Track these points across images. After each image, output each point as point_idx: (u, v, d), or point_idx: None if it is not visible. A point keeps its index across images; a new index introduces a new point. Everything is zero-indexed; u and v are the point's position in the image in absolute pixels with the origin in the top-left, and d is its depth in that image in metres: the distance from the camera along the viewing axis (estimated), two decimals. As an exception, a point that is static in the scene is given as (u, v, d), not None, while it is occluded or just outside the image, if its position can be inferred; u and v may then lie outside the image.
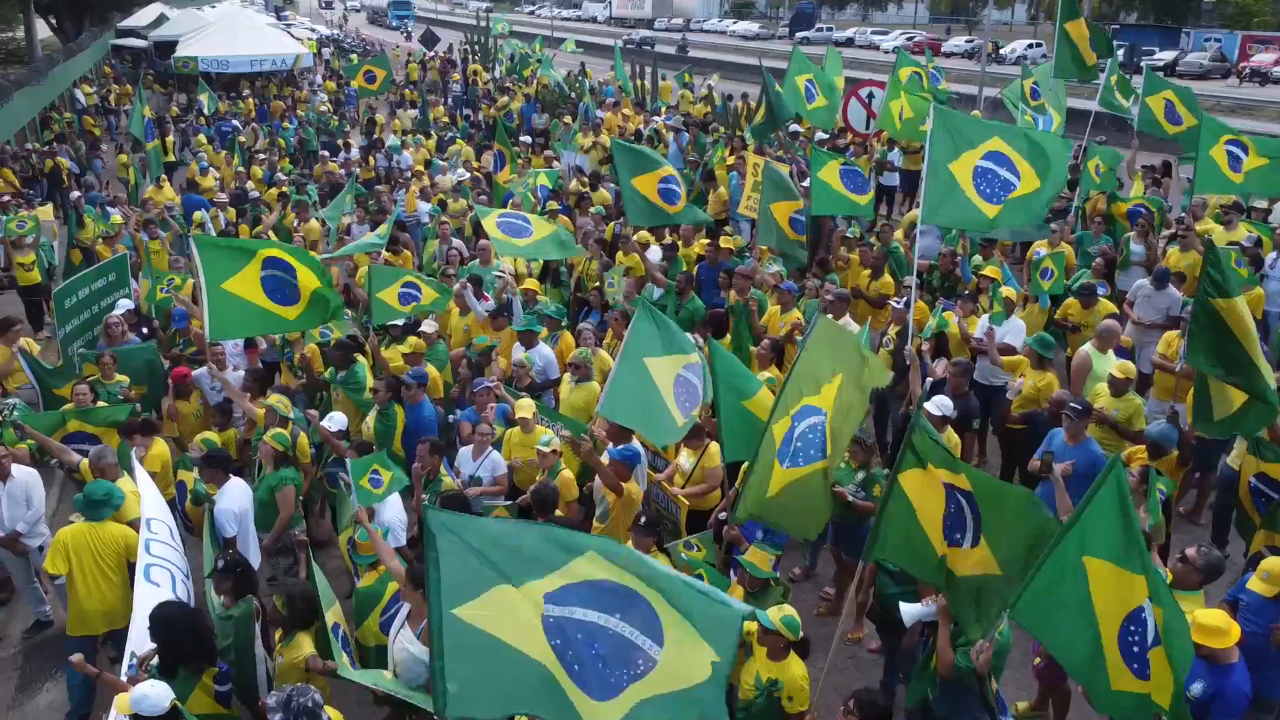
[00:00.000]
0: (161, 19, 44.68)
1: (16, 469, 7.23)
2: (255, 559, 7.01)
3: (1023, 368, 8.61)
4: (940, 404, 7.36)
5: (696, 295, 10.64)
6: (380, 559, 5.74)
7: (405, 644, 5.08)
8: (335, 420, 7.65)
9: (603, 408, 6.54)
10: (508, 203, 15.67)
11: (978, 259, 11.28)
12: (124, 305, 10.83)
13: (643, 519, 6.19)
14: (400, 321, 9.53)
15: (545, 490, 6.62)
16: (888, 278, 10.82)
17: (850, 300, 9.87)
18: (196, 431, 8.70)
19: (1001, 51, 52.98)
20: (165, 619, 5.09)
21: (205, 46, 35.26)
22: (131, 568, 5.92)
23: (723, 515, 7.18)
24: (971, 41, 57.81)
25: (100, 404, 8.50)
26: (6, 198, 17.35)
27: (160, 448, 7.80)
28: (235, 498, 6.90)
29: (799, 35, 68.36)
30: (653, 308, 6.89)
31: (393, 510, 6.63)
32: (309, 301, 8.37)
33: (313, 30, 59.29)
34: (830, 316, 9.39)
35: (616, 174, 12.18)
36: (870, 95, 16.78)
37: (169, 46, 37.20)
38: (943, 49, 56.81)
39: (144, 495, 6.49)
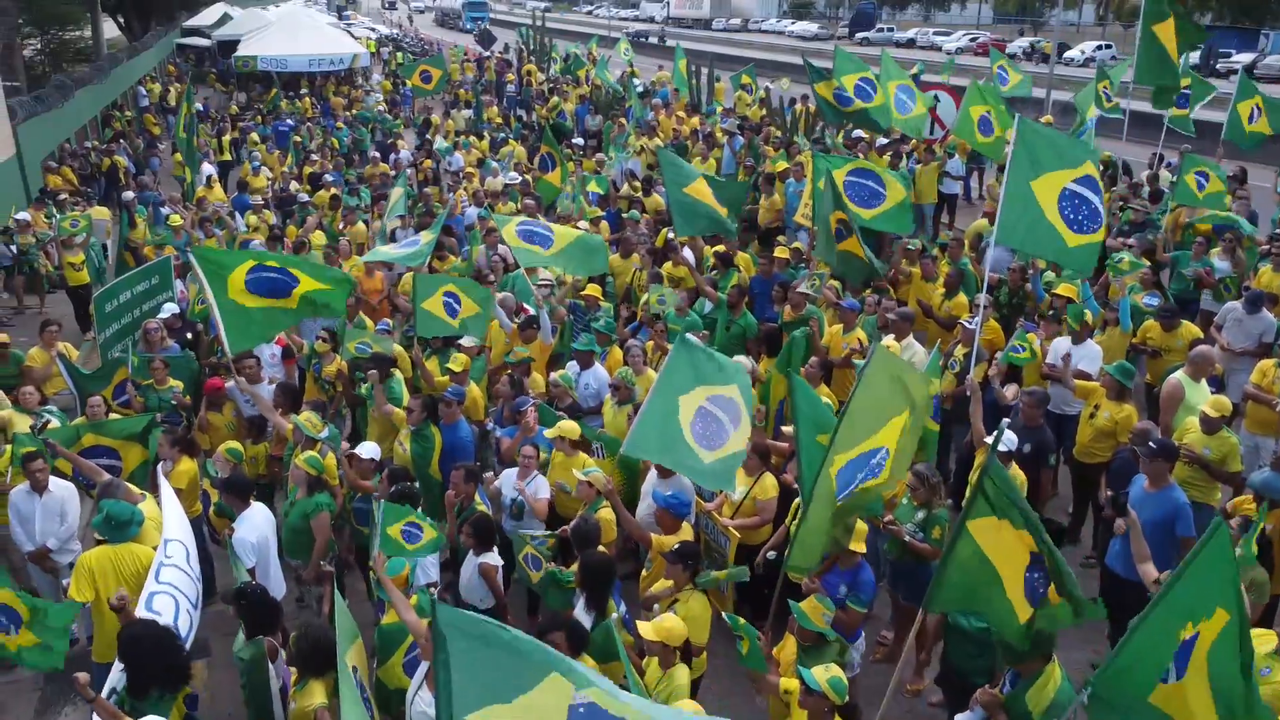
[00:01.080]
0: (225, 18, 45.38)
1: (55, 483, 7.04)
2: (278, 588, 6.72)
3: (1097, 397, 7.97)
4: (1005, 439, 6.79)
5: (749, 310, 10.14)
6: (396, 610, 5.35)
7: (424, 707, 4.70)
8: (366, 449, 7.26)
9: (629, 445, 6.08)
10: (556, 206, 15.39)
11: (1050, 275, 10.61)
12: (169, 309, 10.68)
13: (677, 546, 5.72)
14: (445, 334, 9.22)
15: (587, 526, 6.20)
16: (962, 298, 10.19)
17: (915, 320, 9.24)
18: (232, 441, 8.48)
19: (1069, 53, 51.34)
20: (132, 638, 4.87)
21: (265, 45, 35.59)
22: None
23: (771, 554, 6.73)
24: (1037, 42, 56.20)
25: (116, 415, 8.31)
26: (63, 196, 17.51)
27: (188, 464, 7.53)
28: (254, 526, 6.59)
29: (859, 36, 67.26)
30: (691, 341, 6.36)
31: (427, 562, 6.24)
32: (304, 288, 8.12)
33: (372, 30, 59.76)
34: (891, 338, 8.92)
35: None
36: (936, 99, 16.12)
37: (232, 45, 37.67)
38: (1007, 50, 55.37)
39: (166, 513, 6.22)
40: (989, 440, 6.60)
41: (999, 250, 11.86)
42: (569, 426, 7.27)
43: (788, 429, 7.24)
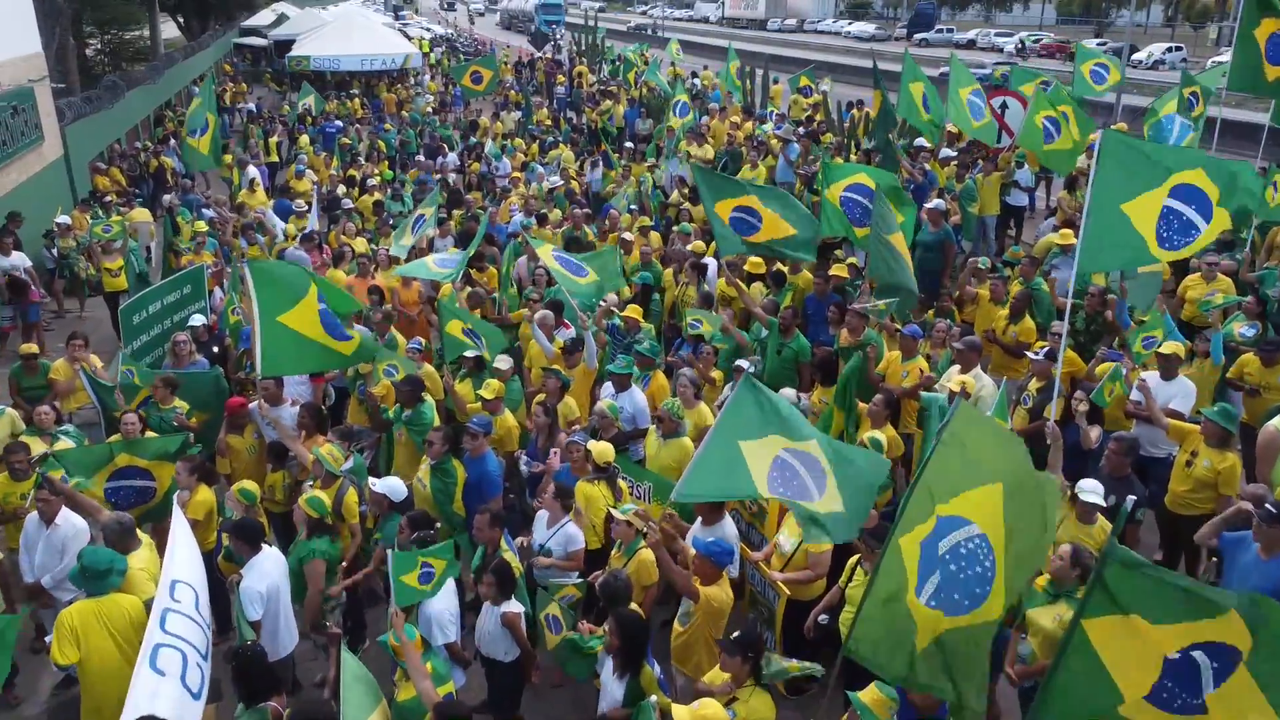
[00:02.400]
0: (282, 18, 45.71)
1: (64, 517, 6.59)
2: (290, 640, 6.25)
3: (1194, 442, 7.17)
4: (1092, 489, 6.05)
5: (802, 333, 9.46)
6: (413, 679, 4.82)
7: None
8: (389, 487, 6.68)
9: (682, 489, 5.41)
10: (605, 215, 14.86)
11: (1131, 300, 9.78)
12: (197, 320, 10.34)
13: (735, 634, 5.04)
14: (473, 353, 8.70)
15: (616, 583, 5.60)
16: (1029, 321, 9.41)
17: (983, 349, 8.47)
18: (250, 469, 8.05)
19: (1137, 55, 49.52)
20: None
21: (319, 45, 35.69)
22: (153, 646, 5.16)
23: (823, 618, 6.08)
24: (1104, 44, 54.33)
25: (150, 434, 7.93)
26: (109, 198, 17.40)
27: (205, 494, 7.10)
28: (264, 574, 6.05)
29: (918, 37, 65.80)
30: (757, 383, 5.68)
31: (443, 600, 5.70)
32: (359, 340, 7.65)
33: (428, 30, 59.88)
34: (956, 369, 8.19)
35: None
36: (1004, 106, 15.25)
37: (288, 45, 37.84)
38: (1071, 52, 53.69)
39: (176, 551, 5.74)
40: (1088, 496, 5.91)
41: (1069, 270, 11.09)
42: (601, 448, 6.68)
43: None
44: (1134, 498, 6.20)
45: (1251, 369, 8.36)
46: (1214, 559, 6.45)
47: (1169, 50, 51.62)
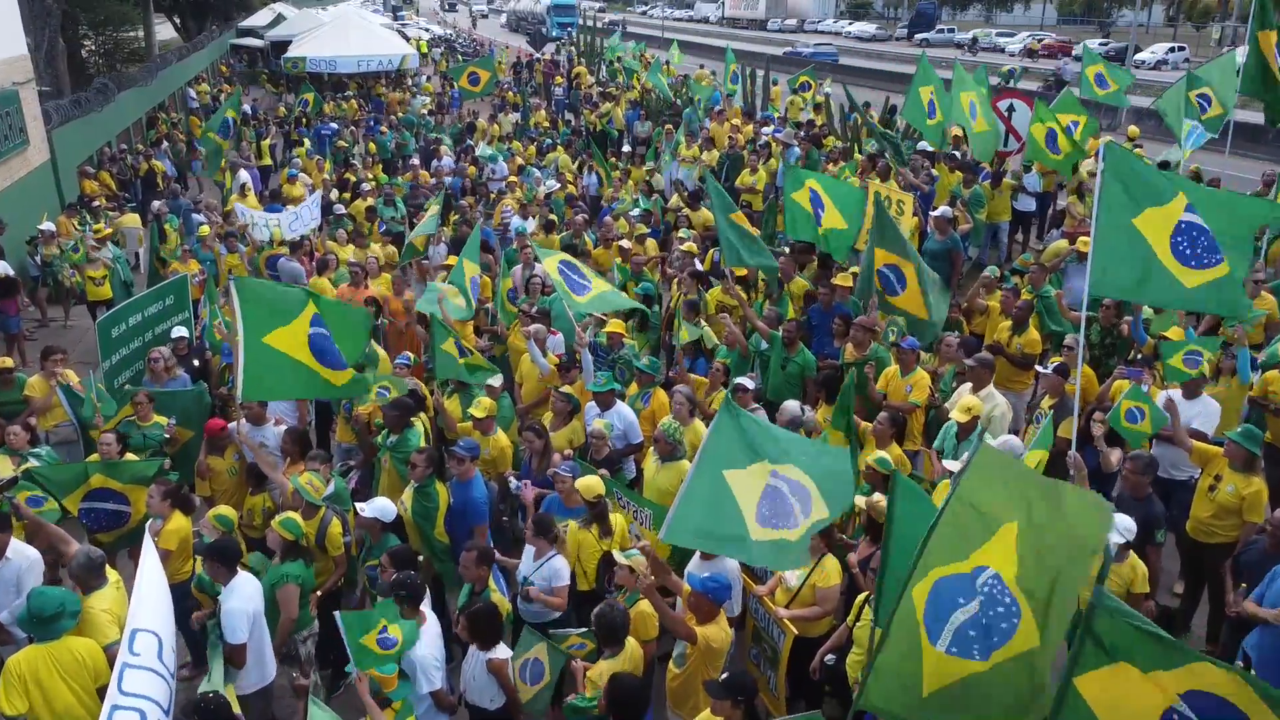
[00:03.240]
0: (279, 19, 45.31)
1: (15, 549, 6.17)
2: (271, 669, 5.93)
3: (1218, 465, 6.81)
4: (1122, 525, 5.71)
5: (806, 347, 9.11)
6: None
7: None
8: (378, 509, 6.31)
9: (667, 531, 5.10)
10: (603, 219, 14.51)
11: (1149, 311, 9.42)
12: (178, 332, 10.00)
13: (724, 676, 4.71)
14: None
15: (613, 614, 5.25)
16: (1033, 333, 9.05)
17: (994, 366, 8.11)
18: (232, 492, 7.71)
19: (1140, 55, 49.15)
20: None
21: (314, 46, 35.29)
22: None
23: (830, 659, 5.74)
24: (1106, 44, 53.95)
25: (130, 456, 7.59)
26: (97, 203, 17.06)
27: (180, 522, 6.74)
28: (247, 597, 5.78)
29: (918, 37, 65.42)
30: (736, 407, 5.36)
31: (426, 645, 5.35)
32: (351, 380, 7.28)
33: (426, 30, 59.47)
34: (967, 387, 7.84)
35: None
36: (1010, 109, 14.91)
37: (285, 46, 37.44)
38: (1073, 52, 53.31)
39: (143, 590, 5.36)
40: (1115, 537, 5.55)
41: (1079, 279, 10.72)
42: (587, 484, 6.31)
43: (860, 500, 6.24)
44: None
45: (1276, 387, 8.01)
46: (1243, 584, 6.11)
47: (1171, 50, 51.27)
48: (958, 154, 15.28)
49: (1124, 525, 5.65)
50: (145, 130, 26.29)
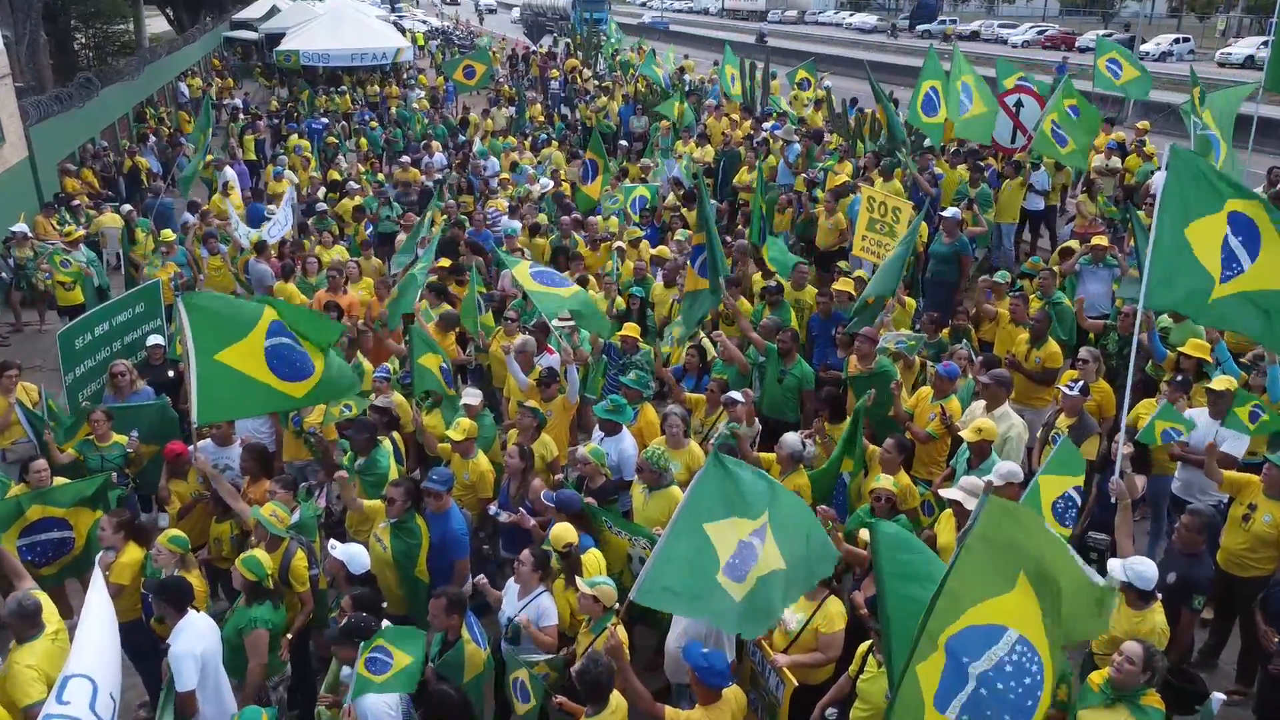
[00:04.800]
0: (274, 11, 44.66)
1: None
2: (227, 712, 5.45)
3: (1253, 493, 6.33)
4: (1140, 575, 5.12)
5: (804, 359, 8.61)
6: None
7: None
8: (350, 557, 5.74)
9: (640, 592, 4.62)
10: (594, 216, 14.02)
11: (1166, 320, 8.91)
12: (154, 340, 9.52)
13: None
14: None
15: (596, 669, 4.78)
16: (1053, 345, 8.55)
17: (1011, 384, 7.58)
18: (194, 518, 7.21)
19: (1144, 47, 48.51)
20: None
21: (308, 40, 34.66)
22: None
23: (831, 712, 5.27)
24: (1109, 36, 53.26)
25: (59, 479, 7.08)
26: (77, 201, 16.54)
27: (134, 554, 6.25)
28: (199, 635, 5.31)
29: (920, 28, 64.74)
30: (725, 459, 4.88)
31: (379, 700, 4.86)
32: (320, 378, 6.77)
33: (423, 23, 58.74)
34: (980, 406, 7.35)
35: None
36: (1019, 104, 14.38)
37: (280, 39, 36.82)
38: (1078, 44, 52.66)
39: (86, 632, 4.89)
40: (1141, 583, 5.06)
41: (1093, 284, 10.25)
42: (559, 532, 5.79)
43: (866, 536, 5.77)
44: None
45: (1310, 404, 7.50)
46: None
47: (1176, 42, 50.61)
48: (958, 149, 14.73)
49: (1139, 572, 5.10)
50: (132, 126, 25.73)
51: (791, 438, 6.82)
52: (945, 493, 6.11)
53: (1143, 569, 5.10)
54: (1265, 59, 12.48)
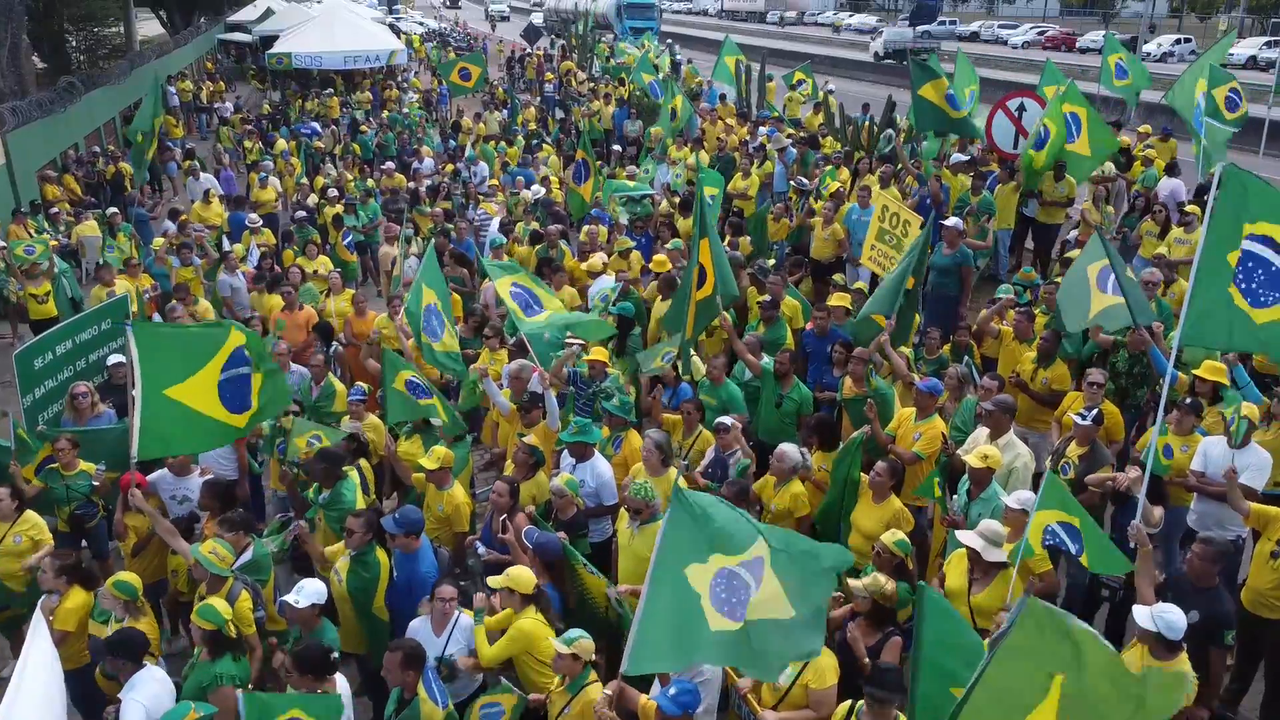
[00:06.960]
0: (268, 13, 44.24)
1: None
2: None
3: (1276, 526, 5.92)
4: (1171, 625, 4.73)
5: (801, 380, 8.19)
6: None
7: None
8: (306, 593, 5.35)
9: (632, 662, 4.26)
10: (588, 221, 13.60)
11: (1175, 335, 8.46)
12: (114, 359, 9.09)
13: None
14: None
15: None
16: (1061, 366, 8.12)
17: (1015, 409, 7.14)
18: (152, 552, 6.80)
19: (1145, 47, 48.10)
20: None
21: (301, 42, 34.24)
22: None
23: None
24: (1110, 35, 52.79)
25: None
26: (55, 210, 16.12)
27: (79, 598, 5.85)
28: (151, 694, 4.93)
29: (920, 29, 64.30)
30: (690, 498, 4.53)
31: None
32: (258, 403, 6.40)
33: (420, 24, 58.33)
34: (984, 433, 6.94)
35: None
36: (1021, 108, 13.98)
37: (274, 42, 36.42)
38: (1078, 45, 52.27)
39: (25, 681, 4.49)
40: (1170, 633, 4.65)
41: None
42: (519, 577, 5.38)
43: (856, 582, 5.36)
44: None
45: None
46: None
47: (1178, 42, 50.20)
48: (962, 155, 14.29)
49: (1170, 622, 4.69)
50: (119, 131, 25.31)
51: (790, 450, 6.47)
52: (961, 536, 5.70)
53: (1173, 619, 4.69)
54: (1270, 59, 12.10)
